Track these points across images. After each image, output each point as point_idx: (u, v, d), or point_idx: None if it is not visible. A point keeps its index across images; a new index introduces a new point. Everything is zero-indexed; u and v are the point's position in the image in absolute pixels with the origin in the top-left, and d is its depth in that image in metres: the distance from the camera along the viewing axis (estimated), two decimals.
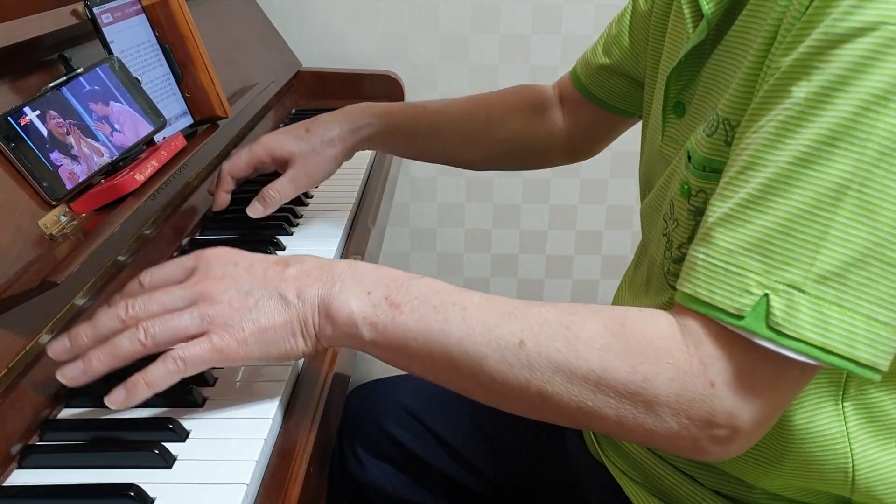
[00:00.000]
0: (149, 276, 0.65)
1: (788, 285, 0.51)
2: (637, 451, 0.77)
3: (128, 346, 0.59)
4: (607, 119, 0.99)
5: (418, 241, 1.83)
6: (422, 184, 1.76)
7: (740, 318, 0.52)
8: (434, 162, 1.07)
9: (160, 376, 0.59)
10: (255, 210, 0.92)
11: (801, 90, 0.52)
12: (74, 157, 0.76)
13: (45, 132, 0.74)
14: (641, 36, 0.88)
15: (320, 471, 0.67)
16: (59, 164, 0.74)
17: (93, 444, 0.62)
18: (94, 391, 0.68)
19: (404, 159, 1.70)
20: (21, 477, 0.59)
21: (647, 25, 0.85)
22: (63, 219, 0.74)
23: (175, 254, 0.91)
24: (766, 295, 0.51)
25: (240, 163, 0.95)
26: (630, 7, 0.90)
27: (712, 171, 0.62)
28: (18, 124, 0.72)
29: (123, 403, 0.59)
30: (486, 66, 1.70)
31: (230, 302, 0.61)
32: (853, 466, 0.64)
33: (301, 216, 1.04)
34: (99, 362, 0.59)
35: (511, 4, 1.65)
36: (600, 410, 0.56)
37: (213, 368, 0.70)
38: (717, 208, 0.55)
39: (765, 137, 0.53)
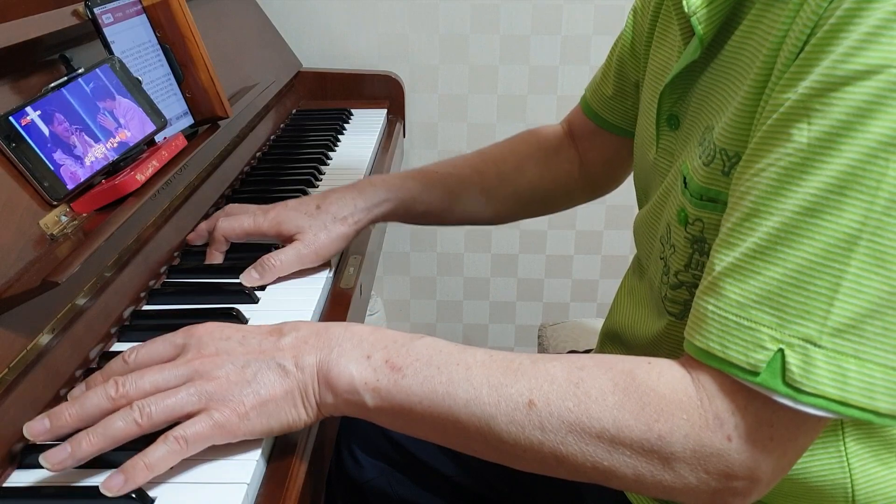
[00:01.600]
0: (134, 354, 0.62)
1: (804, 339, 0.50)
2: None
3: (122, 426, 0.56)
4: (626, 145, 0.95)
5: (418, 241, 1.83)
6: None
7: (755, 374, 0.51)
8: (457, 224, 1.02)
9: (161, 457, 0.55)
10: (251, 279, 0.84)
11: (803, 134, 0.50)
12: (75, 157, 0.76)
13: (45, 132, 0.74)
14: (642, 47, 0.87)
15: (320, 470, 0.67)
16: (59, 164, 0.74)
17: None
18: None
19: (404, 158, 1.70)
20: (22, 477, 0.59)
21: (643, 28, 0.85)
22: (64, 219, 0.74)
23: (177, 254, 0.91)
24: (781, 350, 0.50)
25: (239, 228, 0.89)
26: (630, 20, 0.89)
27: (709, 200, 0.62)
28: (19, 124, 0.72)
29: (122, 490, 0.54)
30: (486, 66, 1.70)
31: (227, 376, 0.58)
32: (852, 483, 0.63)
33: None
34: (89, 444, 0.55)
35: (511, 4, 1.65)
36: (617, 469, 0.55)
37: None
38: (724, 257, 0.54)
39: (768, 183, 0.52)
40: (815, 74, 0.50)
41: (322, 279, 0.87)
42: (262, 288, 0.85)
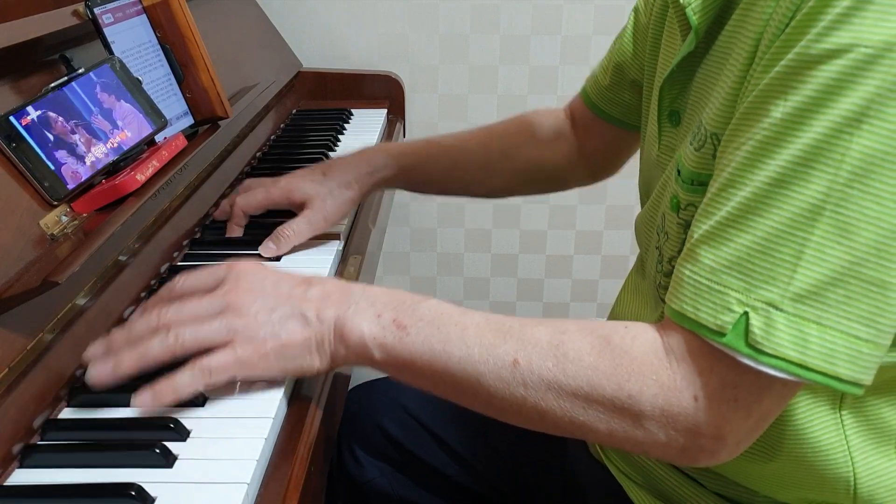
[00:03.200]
0: (181, 280, 0.69)
1: (767, 303, 0.52)
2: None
3: (157, 349, 0.63)
4: (622, 136, 0.99)
5: (418, 241, 1.83)
6: None
7: (722, 335, 0.53)
8: (455, 195, 1.07)
9: (186, 383, 0.62)
10: (269, 250, 0.91)
11: (778, 110, 0.53)
12: (75, 157, 0.76)
13: (46, 132, 0.74)
14: (643, 46, 0.88)
15: (321, 470, 0.67)
16: (60, 164, 0.74)
17: (93, 444, 0.62)
18: (96, 391, 0.68)
19: None
20: (22, 476, 0.59)
21: (646, 35, 0.85)
22: (64, 219, 0.74)
23: (177, 254, 0.91)
24: (747, 313, 0.52)
25: (254, 201, 0.95)
26: (632, 18, 0.90)
27: (700, 184, 0.63)
28: (20, 124, 0.72)
29: (150, 406, 0.62)
30: (486, 66, 1.70)
31: (256, 316, 0.64)
32: (854, 475, 0.64)
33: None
34: (129, 363, 0.63)
35: (511, 4, 1.65)
36: (591, 424, 0.58)
37: None
38: (702, 225, 0.56)
39: (744, 156, 0.54)
40: (792, 54, 0.52)
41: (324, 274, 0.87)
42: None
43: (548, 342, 0.59)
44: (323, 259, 0.92)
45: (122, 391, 0.68)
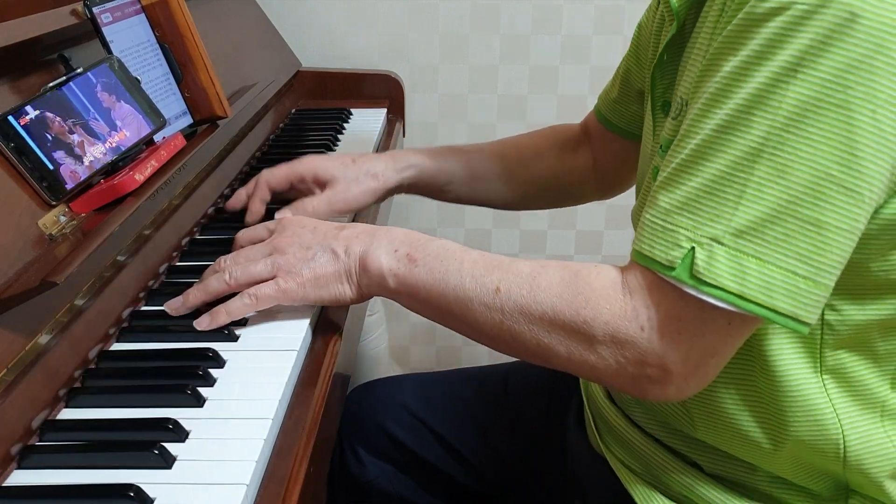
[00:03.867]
0: (240, 235, 0.83)
1: (711, 238, 0.57)
2: (638, 440, 0.78)
3: (216, 284, 0.75)
4: (632, 149, 0.99)
5: None
6: None
7: (672, 269, 0.58)
8: (472, 204, 1.10)
9: (238, 307, 0.74)
10: (286, 216, 0.91)
11: (729, 65, 0.58)
12: (74, 157, 0.76)
13: (44, 132, 0.74)
14: (646, 56, 0.89)
15: (320, 471, 0.67)
16: (58, 164, 0.74)
17: (92, 445, 0.62)
18: (95, 392, 0.68)
19: None
20: (21, 477, 0.59)
21: (648, 47, 0.86)
22: (63, 219, 0.74)
23: (176, 254, 0.91)
24: (693, 248, 0.58)
25: (280, 175, 0.98)
26: (636, 33, 0.92)
27: None
28: (18, 124, 0.72)
29: (208, 326, 0.74)
30: (486, 66, 1.69)
31: (295, 254, 0.75)
32: (843, 439, 0.66)
33: None
34: (195, 296, 0.76)
35: (511, 4, 1.65)
36: (553, 347, 0.65)
37: (215, 368, 0.70)
38: (662, 174, 0.62)
39: (699, 109, 0.60)
40: (742, 14, 0.58)
41: None
42: None
43: (528, 273, 0.66)
44: None
45: (126, 392, 0.68)
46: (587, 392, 0.88)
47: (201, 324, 0.74)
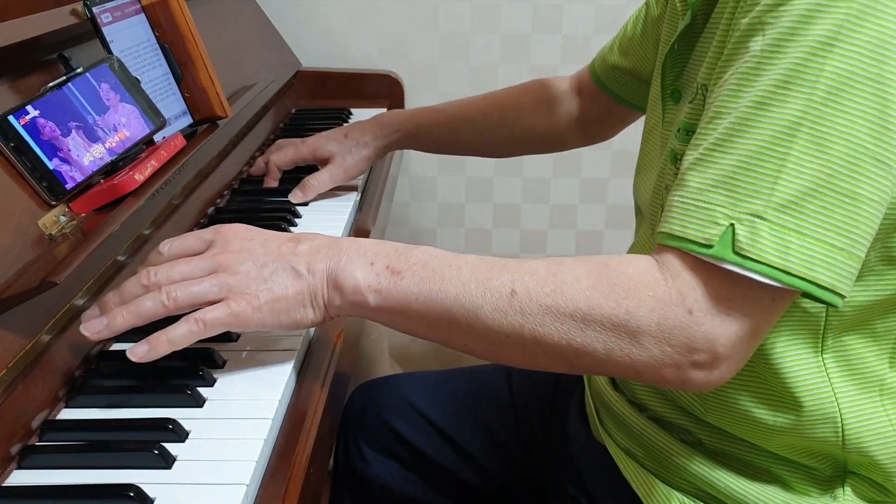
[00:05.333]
0: (168, 245, 0.70)
1: (751, 214, 0.56)
2: (638, 422, 0.78)
3: (150, 305, 0.64)
4: (620, 111, 1.08)
5: (418, 241, 1.82)
6: (422, 184, 1.76)
7: (710, 246, 0.57)
8: (459, 154, 1.25)
9: (181, 335, 0.64)
10: (297, 196, 1.05)
11: (758, 44, 0.58)
12: (74, 157, 0.76)
13: (44, 132, 0.74)
14: (652, 39, 0.90)
15: (320, 471, 0.67)
16: (58, 163, 0.74)
17: (92, 445, 0.62)
18: (95, 392, 0.68)
19: (404, 158, 1.70)
20: (21, 477, 0.59)
21: (658, 28, 0.86)
22: (62, 219, 0.74)
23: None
24: (732, 225, 0.56)
25: (286, 157, 1.11)
26: (643, 10, 0.95)
27: (693, 133, 0.65)
28: (18, 124, 0.72)
29: (145, 357, 0.63)
30: (486, 66, 1.69)
31: (247, 272, 0.65)
32: (841, 418, 0.67)
33: (301, 216, 1.04)
34: (122, 319, 0.64)
35: (511, 4, 1.64)
36: (589, 345, 0.60)
37: (214, 369, 0.70)
38: (690, 156, 0.60)
39: (728, 89, 0.59)
40: None
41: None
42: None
43: (545, 271, 0.62)
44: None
45: (126, 392, 0.68)
46: (589, 377, 0.88)
47: (136, 354, 0.64)
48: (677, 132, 0.70)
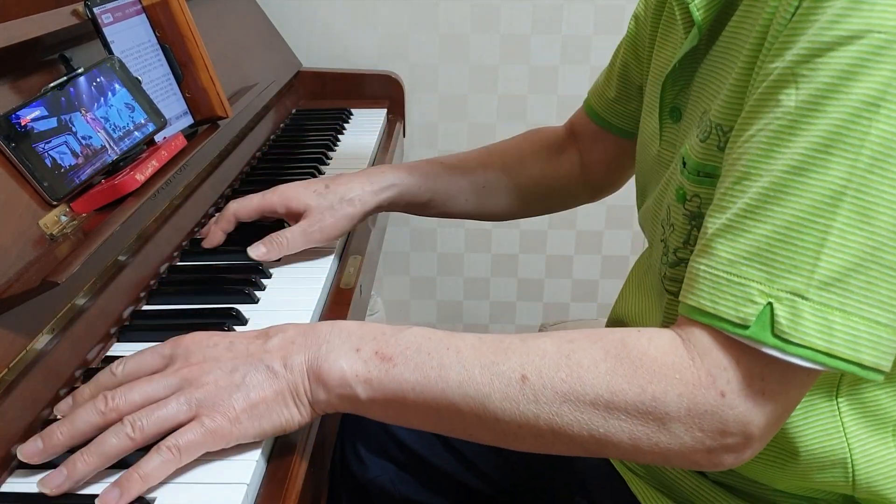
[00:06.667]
0: (122, 366, 0.62)
1: (791, 293, 0.51)
2: None
3: (115, 442, 0.56)
4: (628, 148, 0.95)
5: (418, 241, 1.83)
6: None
7: (745, 327, 0.52)
8: (459, 217, 1.04)
9: (155, 468, 0.55)
10: (258, 252, 0.87)
11: (791, 99, 0.53)
12: (75, 157, 0.76)
13: (45, 132, 0.74)
14: (643, 48, 0.87)
15: (320, 471, 0.67)
16: (59, 164, 0.74)
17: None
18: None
19: (404, 158, 1.70)
20: (21, 477, 0.59)
21: (646, 37, 0.85)
22: (63, 219, 0.74)
23: (176, 254, 0.91)
24: (770, 303, 0.52)
25: (249, 206, 0.92)
26: (632, 25, 0.89)
27: (706, 175, 0.63)
28: (19, 124, 0.72)
29: (118, 501, 0.54)
30: (486, 66, 1.70)
31: (216, 382, 0.58)
32: (852, 462, 0.64)
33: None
34: (85, 465, 0.55)
35: (511, 4, 1.65)
36: (613, 436, 0.55)
37: None
38: (716, 219, 0.55)
39: (758, 147, 0.54)
40: (802, 42, 0.52)
41: (322, 279, 0.87)
42: (262, 288, 0.85)
43: (556, 352, 0.56)
44: (322, 260, 0.91)
45: None
46: None
47: (109, 502, 0.53)
48: (683, 166, 0.65)
